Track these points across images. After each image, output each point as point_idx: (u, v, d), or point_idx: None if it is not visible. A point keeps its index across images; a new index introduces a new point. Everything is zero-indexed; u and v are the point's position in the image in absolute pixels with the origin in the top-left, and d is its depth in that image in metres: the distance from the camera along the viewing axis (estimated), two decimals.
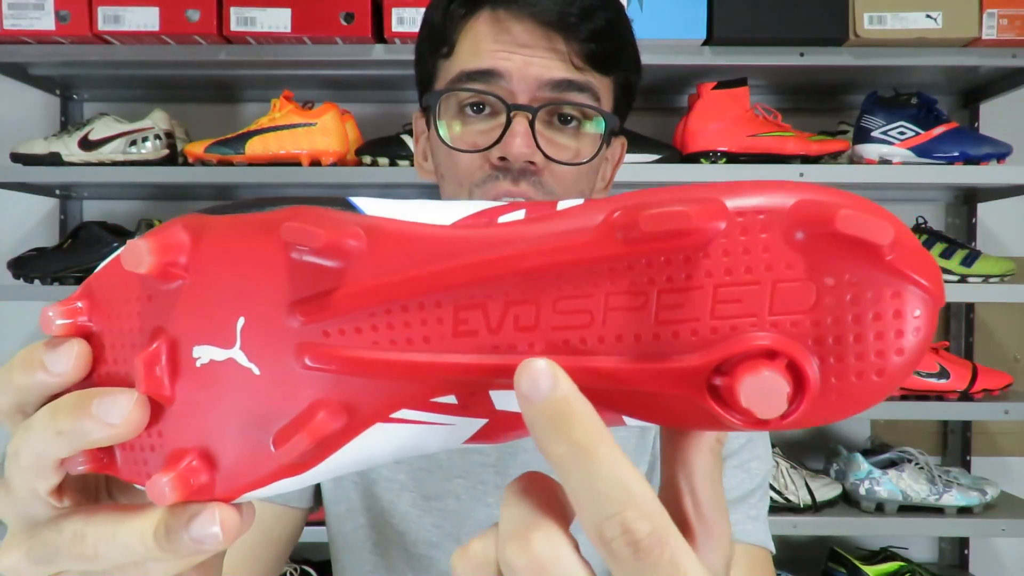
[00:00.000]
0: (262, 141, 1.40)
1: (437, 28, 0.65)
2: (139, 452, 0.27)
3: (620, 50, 0.65)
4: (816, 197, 0.21)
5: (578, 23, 0.60)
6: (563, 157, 0.62)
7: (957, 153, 1.40)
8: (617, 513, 0.21)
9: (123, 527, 0.27)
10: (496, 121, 0.62)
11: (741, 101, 1.42)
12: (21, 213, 1.71)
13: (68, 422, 0.26)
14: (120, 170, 1.43)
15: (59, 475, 0.27)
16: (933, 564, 1.69)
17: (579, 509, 0.22)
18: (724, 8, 1.35)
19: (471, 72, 0.62)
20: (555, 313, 0.23)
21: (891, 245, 0.20)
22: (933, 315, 0.21)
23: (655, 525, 0.21)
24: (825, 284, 0.21)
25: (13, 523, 0.29)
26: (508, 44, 0.61)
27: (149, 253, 0.25)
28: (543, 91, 0.61)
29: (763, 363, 0.21)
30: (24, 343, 1.74)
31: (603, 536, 0.21)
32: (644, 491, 0.21)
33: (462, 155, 0.63)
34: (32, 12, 1.36)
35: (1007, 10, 1.34)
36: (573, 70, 0.61)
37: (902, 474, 1.46)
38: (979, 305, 1.69)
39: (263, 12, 1.35)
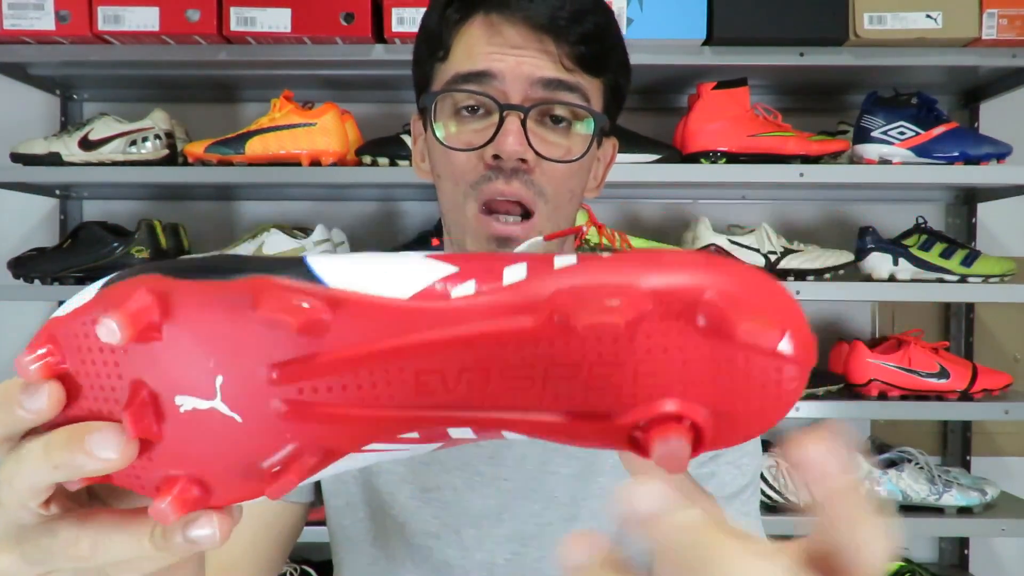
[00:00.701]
0: (262, 141, 1.40)
1: (433, 33, 0.67)
2: (131, 470, 0.29)
3: (609, 53, 0.66)
4: (723, 295, 0.25)
5: (568, 26, 0.62)
6: (554, 155, 0.64)
7: (957, 153, 1.40)
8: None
9: (118, 531, 0.29)
10: (489, 121, 0.64)
11: (741, 101, 1.42)
12: (21, 213, 1.71)
13: (62, 456, 0.28)
14: (120, 170, 1.43)
15: (50, 492, 0.29)
16: (933, 564, 1.69)
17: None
18: (724, 8, 1.35)
19: (466, 74, 0.63)
20: (503, 378, 0.26)
21: (778, 345, 0.25)
22: (805, 375, 0.26)
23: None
24: (723, 361, 0.26)
25: (3, 531, 0.30)
26: (501, 46, 0.63)
27: (122, 328, 0.26)
28: (534, 90, 0.63)
29: (672, 425, 0.26)
30: (24, 343, 1.73)
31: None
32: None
33: (458, 154, 0.65)
34: (32, 12, 1.36)
35: (1007, 10, 1.34)
36: (563, 71, 0.63)
37: (902, 474, 1.46)
38: (979, 305, 1.69)
39: (263, 12, 1.35)
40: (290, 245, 1.45)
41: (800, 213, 1.71)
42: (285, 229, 1.47)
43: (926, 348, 1.48)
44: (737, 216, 1.66)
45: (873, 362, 1.46)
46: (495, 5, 0.63)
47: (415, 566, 0.72)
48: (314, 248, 1.45)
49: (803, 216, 1.71)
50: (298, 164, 1.40)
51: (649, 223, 1.71)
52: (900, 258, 1.46)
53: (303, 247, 1.45)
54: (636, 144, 1.44)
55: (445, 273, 0.27)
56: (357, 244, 1.59)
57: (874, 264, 1.46)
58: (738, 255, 1.46)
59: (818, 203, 1.71)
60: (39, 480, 0.28)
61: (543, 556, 0.71)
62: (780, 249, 1.46)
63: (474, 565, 0.70)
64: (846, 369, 1.49)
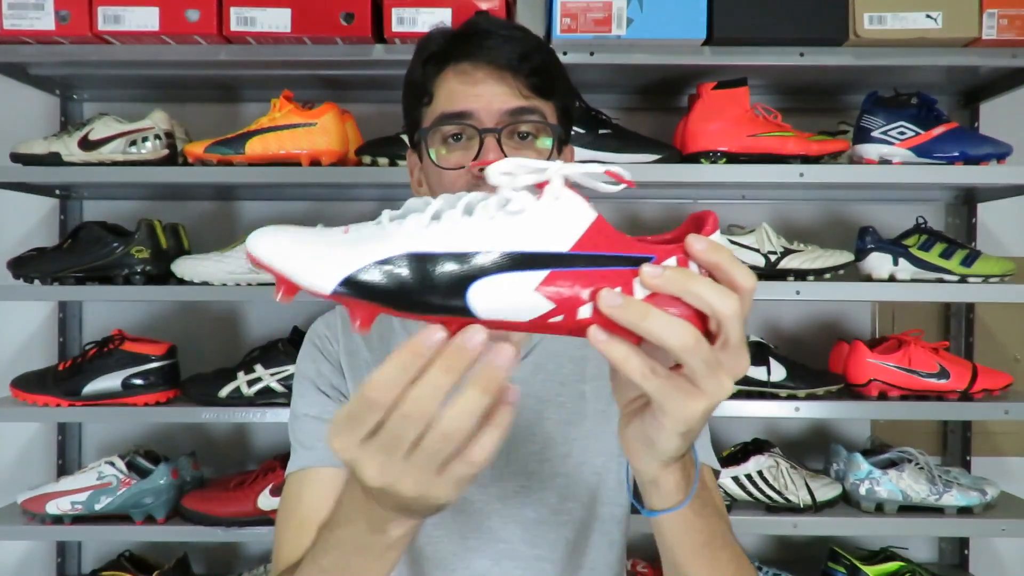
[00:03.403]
0: (262, 141, 1.40)
1: (418, 83, 0.85)
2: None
3: (554, 80, 0.85)
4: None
5: (520, 63, 0.81)
6: None
7: (957, 153, 1.40)
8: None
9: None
10: (471, 143, 0.81)
11: (741, 101, 1.42)
12: (21, 213, 1.71)
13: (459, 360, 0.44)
14: (120, 170, 1.43)
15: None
16: (933, 564, 1.69)
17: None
18: (724, 8, 1.35)
19: (449, 114, 0.82)
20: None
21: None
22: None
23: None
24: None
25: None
26: (473, 86, 0.81)
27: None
28: (504, 118, 0.81)
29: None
30: (24, 343, 1.74)
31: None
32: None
33: (450, 172, 0.82)
34: (32, 12, 1.36)
35: (1007, 10, 1.34)
36: (523, 98, 0.82)
37: (902, 474, 1.46)
38: (979, 305, 1.69)
39: (263, 12, 1.35)
40: None
41: (800, 213, 1.71)
42: None
43: (926, 348, 1.47)
44: (737, 216, 1.66)
45: (873, 362, 1.46)
46: (464, 56, 0.82)
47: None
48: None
49: (803, 216, 1.71)
50: (298, 164, 1.40)
51: (649, 223, 1.71)
52: (900, 258, 1.46)
53: None
54: (636, 144, 1.44)
55: (546, 311, 0.45)
56: None
57: (874, 264, 1.46)
58: (738, 255, 1.45)
59: (818, 203, 1.71)
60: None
61: (544, 486, 0.87)
62: (780, 249, 1.46)
63: (490, 498, 0.86)
64: (846, 369, 1.49)
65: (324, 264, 0.43)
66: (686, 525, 0.59)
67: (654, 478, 0.55)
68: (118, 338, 1.49)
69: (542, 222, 0.45)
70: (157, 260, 1.47)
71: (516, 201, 0.46)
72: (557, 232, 0.45)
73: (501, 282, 0.44)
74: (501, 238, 0.45)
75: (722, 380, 0.46)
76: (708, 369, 0.45)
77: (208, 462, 1.66)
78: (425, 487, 0.47)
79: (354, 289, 0.44)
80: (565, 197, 0.46)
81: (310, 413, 0.88)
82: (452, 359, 0.43)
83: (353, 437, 0.46)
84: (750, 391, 1.45)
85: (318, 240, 0.45)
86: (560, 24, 1.33)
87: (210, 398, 1.45)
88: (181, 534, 1.47)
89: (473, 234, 0.45)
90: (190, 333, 1.64)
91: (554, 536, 0.86)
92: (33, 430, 1.73)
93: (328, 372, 0.90)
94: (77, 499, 1.45)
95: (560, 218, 0.45)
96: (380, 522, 0.53)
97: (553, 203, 0.46)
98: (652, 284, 0.44)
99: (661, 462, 0.53)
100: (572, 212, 0.46)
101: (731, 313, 0.44)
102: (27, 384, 1.47)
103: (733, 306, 0.44)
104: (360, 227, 0.47)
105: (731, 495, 1.45)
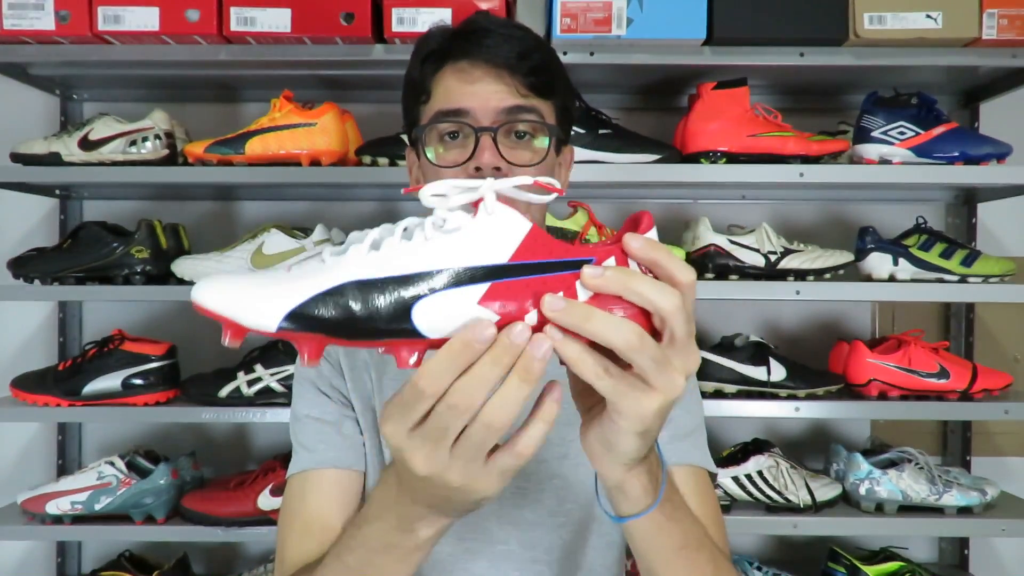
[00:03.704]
0: (262, 141, 1.40)
1: (416, 81, 0.85)
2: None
3: (553, 80, 0.84)
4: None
5: (519, 62, 0.80)
6: (521, 161, 0.80)
7: (957, 153, 1.40)
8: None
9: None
10: (467, 142, 0.81)
11: (741, 101, 1.42)
12: (21, 213, 1.71)
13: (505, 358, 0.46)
14: (120, 170, 1.43)
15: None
16: (933, 564, 1.69)
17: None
18: (724, 8, 1.35)
19: (446, 111, 0.81)
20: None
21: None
22: None
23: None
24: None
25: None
26: (470, 84, 0.80)
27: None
28: (500, 116, 0.80)
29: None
30: (24, 343, 1.74)
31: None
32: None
33: (446, 170, 0.81)
34: (32, 12, 1.36)
35: (1007, 10, 1.34)
36: (520, 97, 0.80)
37: (902, 474, 1.46)
38: (979, 305, 1.69)
39: (263, 12, 1.35)
40: (290, 245, 1.45)
41: (800, 213, 1.71)
42: (285, 229, 1.47)
43: (926, 348, 1.47)
44: (737, 216, 1.66)
45: (873, 362, 1.46)
46: (462, 54, 0.81)
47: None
48: (314, 248, 1.45)
49: (803, 216, 1.71)
50: (298, 164, 1.40)
51: None
52: (900, 258, 1.46)
53: (303, 247, 1.45)
54: (636, 144, 1.44)
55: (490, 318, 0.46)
56: None
57: (874, 264, 1.46)
58: (738, 255, 1.46)
59: (818, 203, 1.71)
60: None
61: (542, 488, 0.86)
62: (780, 249, 1.46)
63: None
64: (846, 369, 1.49)
65: (267, 302, 0.44)
66: (657, 529, 0.59)
67: (619, 483, 0.55)
68: (118, 338, 1.49)
69: (478, 237, 0.46)
70: (157, 260, 1.47)
71: (452, 220, 0.47)
72: (494, 245, 0.46)
73: (444, 300, 0.45)
74: (439, 257, 0.45)
75: (673, 376, 0.46)
76: (657, 366, 0.46)
77: (208, 462, 1.66)
78: (471, 477, 0.48)
79: (299, 323, 0.44)
80: (499, 211, 0.47)
81: (311, 414, 0.88)
82: (500, 353, 0.44)
83: (403, 425, 0.47)
84: (750, 391, 1.45)
85: (260, 280, 0.45)
86: (560, 24, 1.33)
87: (210, 398, 1.45)
88: (181, 534, 1.47)
89: (412, 256, 0.46)
90: (190, 333, 1.64)
91: (551, 538, 0.85)
92: (33, 430, 1.73)
93: (328, 372, 0.90)
94: (77, 499, 1.45)
95: (496, 231, 0.46)
96: (411, 520, 0.54)
97: (487, 218, 0.47)
98: (593, 284, 0.46)
99: (624, 465, 0.53)
100: (507, 224, 0.47)
101: (673, 308, 0.45)
102: (27, 384, 1.47)
103: (675, 301, 0.45)
104: (303, 264, 0.48)
105: (731, 495, 1.45)
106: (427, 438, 0.46)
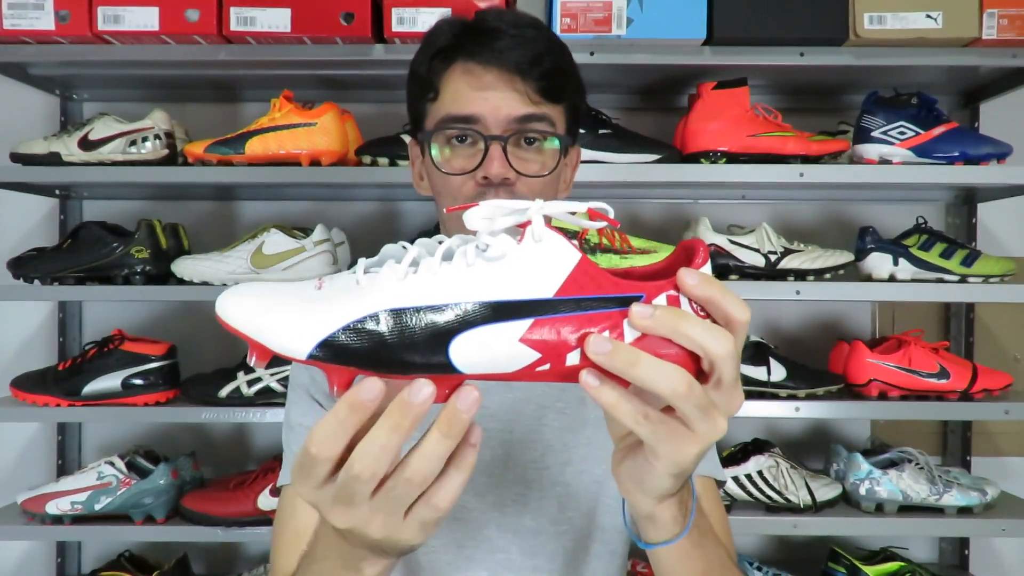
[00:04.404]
0: (262, 141, 1.40)
1: (423, 77, 0.82)
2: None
3: (566, 84, 0.82)
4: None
5: (530, 67, 0.78)
6: (531, 171, 0.80)
7: (957, 153, 1.40)
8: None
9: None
10: (476, 148, 0.79)
11: (741, 101, 1.42)
12: (21, 213, 1.71)
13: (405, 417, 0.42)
14: (120, 170, 1.43)
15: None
16: (933, 564, 1.69)
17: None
18: (724, 8, 1.35)
19: (455, 116, 0.79)
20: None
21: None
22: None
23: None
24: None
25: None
26: (481, 89, 0.78)
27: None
28: (511, 124, 0.79)
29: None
30: (24, 343, 1.74)
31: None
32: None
33: (453, 177, 0.80)
34: (32, 12, 1.36)
35: (1007, 10, 1.34)
36: (532, 104, 0.79)
37: (902, 474, 1.46)
38: (979, 305, 1.69)
39: (263, 12, 1.35)
40: (290, 245, 1.45)
41: (800, 213, 1.71)
42: (285, 229, 1.47)
43: (926, 348, 1.47)
44: (737, 216, 1.66)
45: (873, 362, 1.46)
46: (472, 55, 0.79)
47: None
48: (314, 248, 1.45)
49: (803, 216, 1.71)
50: (298, 164, 1.40)
51: (649, 223, 1.71)
52: (900, 258, 1.46)
53: (303, 247, 1.45)
54: (636, 144, 1.44)
55: (532, 361, 0.43)
56: (357, 244, 1.59)
57: (874, 264, 1.46)
58: (738, 255, 1.46)
59: (818, 203, 1.71)
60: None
61: (543, 495, 0.83)
62: (780, 249, 1.46)
63: (487, 506, 0.83)
64: (846, 369, 1.49)
65: (298, 327, 0.41)
66: (683, 556, 0.58)
67: (649, 513, 0.53)
68: (118, 338, 1.49)
69: (523, 267, 0.43)
70: (157, 260, 1.47)
71: (495, 246, 0.44)
72: (539, 277, 0.43)
73: (484, 335, 0.42)
74: (481, 287, 0.43)
75: (716, 421, 0.44)
76: (701, 412, 0.43)
77: (208, 462, 1.66)
78: (391, 530, 0.46)
79: (331, 352, 0.42)
80: (547, 238, 0.44)
81: (304, 423, 0.86)
82: (397, 417, 0.41)
83: (308, 485, 0.44)
84: (750, 391, 1.45)
85: (290, 299, 0.42)
86: (560, 24, 1.33)
87: (210, 398, 1.45)
88: (181, 534, 1.47)
89: (452, 284, 0.43)
90: (190, 333, 1.64)
91: (553, 546, 0.83)
92: (33, 430, 1.73)
93: (322, 379, 0.88)
94: (77, 499, 1.45)
95: (542, 262, 0.43)
96: (354, 560, 0.51)
97: (534, 246, 0.44)
98: (642, 326, 0.43)
99: (655, 498, 0.51)
100: (555, 254, 0.44)
101: (724, 353, 0.43)
102: (27, 384, 1.47)
103: (727, 347, 0.43)
104: (334, 280, 0.45)
105: (731, 495, 1.45)
106: (338, 499, 0.44)
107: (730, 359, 0.43)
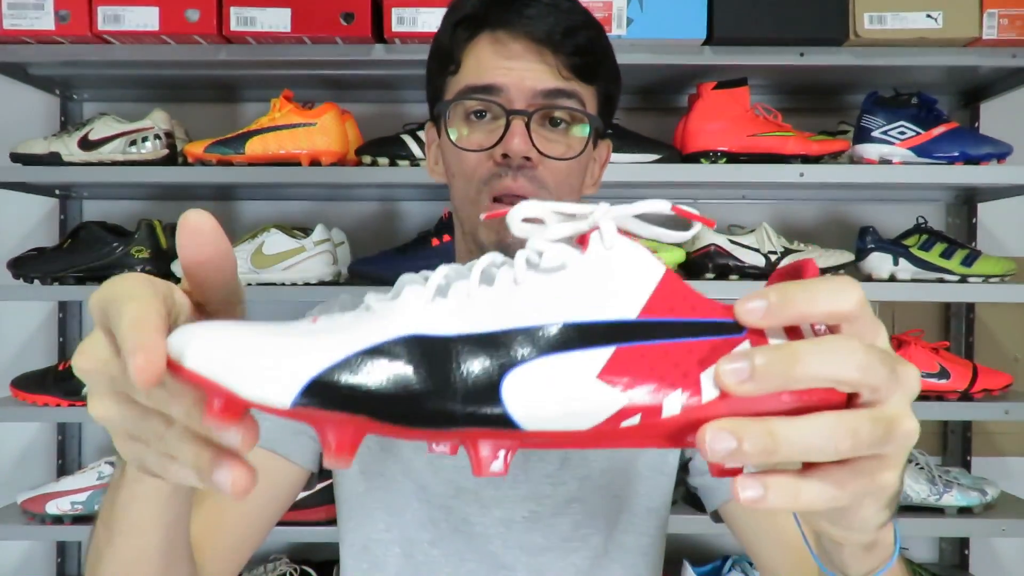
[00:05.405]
0: (262, 141, 1.40)
1: (444, 49, 0.75)
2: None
3: (600, 63, 0.74)
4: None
5: (563, 40, 0.70)
6: (555, 153, 0.72)
7: (957, 153, 1.39)
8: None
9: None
10: (497, 124, 0.71)
11: (741, 101, 1.42)
12: (21, 213, 1.71)
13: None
14: (120, 170, 1.43)
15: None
16: (933, 564, 1.69)
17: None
18: (724, 8, 1.35)
19: (476, 87, 0.72)
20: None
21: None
22: None
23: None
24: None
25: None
26: (506, 59, 0.71)
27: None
28: (536, 99, 0.71)
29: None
30: (24, 343, 1.74)
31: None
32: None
33: (470, 154, 0.72)
34: (32, 12, 1.36)
35: (1007, 10, 1.34)
36: (561, 79, 0.71)
37: None
38: (979, 305, 1.68)
39: (263, 12, 1.35)
40: (290, 245, 1.45)
41: (800, 213, 1.71)
42: (285, 229, 1.47)
43: (926, 348, 1.47)
44: (737, 216, 1.66)
45: None
46: (500, 23, 0.71)
47: (433, 526, 0.77)
48: (314, 248, 1.45)
49: (803, 216, 1.71)
50: (298, 164, 1.40)
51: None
52: (900, 258, 1.46)
53: (303, 247, 1.45)
54: (636, 144, 1.44)
55: (616, 410, 0.30)
56: (357, 244, 1.59)
57: (874, 264, 1.46)
58: (738, 255, 1.46)
59: (818, 203, 1.71)
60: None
61: (557, 512, 0.76)
62: (780, 249, 1.46)
63: (493, 522, 0.76)
64: None
65: (279, 363, 0.29)
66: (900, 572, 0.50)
67: (870, 542, 0.44)
68: None
69: (593, 280, 0.32)
70: (157, 260, 1.47)
71: (551, 254, 0.33)
72: (617, 292, 0.32)
73: (548, 370, 0.30)
74: (539, 306, 0.31)
75: (900, 429, 0.33)
76: (879, 436, 0.32)
77: None
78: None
79: (326, 396, 0.29)
80: (620, 245, 0.33)
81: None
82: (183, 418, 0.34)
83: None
84: None
85: (271, 335, 0.30)
86: None
87: None
88: None
89: (499, 304, 0.32)
90: None
91: (562, 564, 0.76)
92: (33, 430, 1.73)
93: None
94: (77, 499, 1.45)
95: (618, 274, 0.33)
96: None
97: (605, 254, 0.33)
98: (743, 391, 0.31)
99: (875, 529, 0.41)
100: (634, 265, 0.33)
101: (861, 367, 0.31)
102: (27, 384, 1.47)
103: (858, 359, 0.31)
104: (335, 316, 0.33)
105: None
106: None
107: (872, 370, 0.32)
